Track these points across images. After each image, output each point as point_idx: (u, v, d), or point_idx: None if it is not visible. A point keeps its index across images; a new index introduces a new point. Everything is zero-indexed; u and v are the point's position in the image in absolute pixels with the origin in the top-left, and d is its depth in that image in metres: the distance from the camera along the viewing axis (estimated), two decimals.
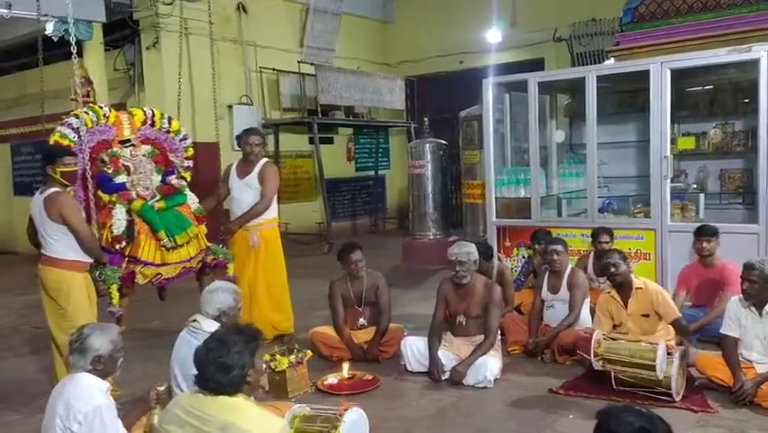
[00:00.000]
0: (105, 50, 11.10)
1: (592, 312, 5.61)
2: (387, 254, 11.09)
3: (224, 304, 4.03)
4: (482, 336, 5.18)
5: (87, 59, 10.46)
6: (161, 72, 11.36)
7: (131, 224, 5.27)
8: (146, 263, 5.29)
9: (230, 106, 12.32)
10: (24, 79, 13.23)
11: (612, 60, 8.08)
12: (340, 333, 5.77)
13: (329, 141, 14.80)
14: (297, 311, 6.64)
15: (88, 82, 10.11)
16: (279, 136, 13.26)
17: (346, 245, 5.91)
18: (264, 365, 4.61)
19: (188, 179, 5.93)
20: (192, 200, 5.80)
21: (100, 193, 5.28)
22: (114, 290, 5.00)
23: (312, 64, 13.07)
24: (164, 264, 5.40)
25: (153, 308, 6.77)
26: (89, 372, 3.26)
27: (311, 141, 13.68)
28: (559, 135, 8.19)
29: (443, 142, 10.98)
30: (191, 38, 11.55)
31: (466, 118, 9.66)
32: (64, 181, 4.67)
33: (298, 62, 13.08)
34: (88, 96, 10.09)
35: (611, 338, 4.80)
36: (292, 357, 4.89)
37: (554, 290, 5.73)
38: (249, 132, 6.32)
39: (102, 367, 3.28)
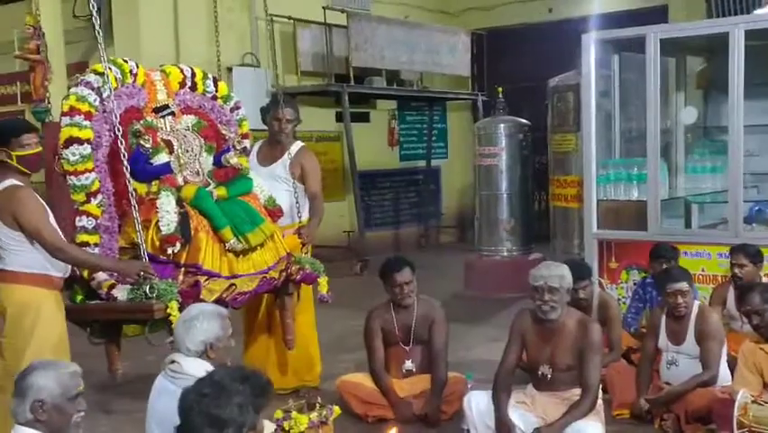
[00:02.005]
0: None
1: (730, 365, 5.58)
2: (442, 277, 11.16)
3: (208, 335, 4.01)
4: (576, 392, 5.19)
5: (37, 0, 10.70)
6: (137, 20, 11.56)
7: (184, 218, 5.19)
8: (211, 275, 5.21)
9: (229, 69, 12.44)
10: None
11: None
12: (378, 382, 5.83)
13: (364, 118, 14.92)
14: (320, 353, 6.77)
15: (39, 33, 10.31)
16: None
17: (391, 261, 5.98)
18: (274, 427, 4.66)
19: (245, 164, 5.90)
20: (260, 188, 5.82)
21: (134, 183, 5.14)
22: (173, 309, 4.81)
23: (343, 11, 13.20)
24: (234, 276, 5.33)
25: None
26: (28, 424, 3.23)
27: (339, 117, 13.80)
28: (689, 114, 8.17)
29: (525, 121, 11.02)
30: None
31: (557, 89, 9.67)
32: (23, 169, 4.68)
33: (324, 8, 13.21)
34: (38, 51, 10.31)
35: (763, 403, 4.77)
36: (313, 415, 4.93)
37: (677, 339, 5.69)
38: (281, 102, 6.29)
39: (45, 418, 3.22)
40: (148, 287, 4.86)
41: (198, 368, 3.85)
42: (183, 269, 5.17)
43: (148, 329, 5.26)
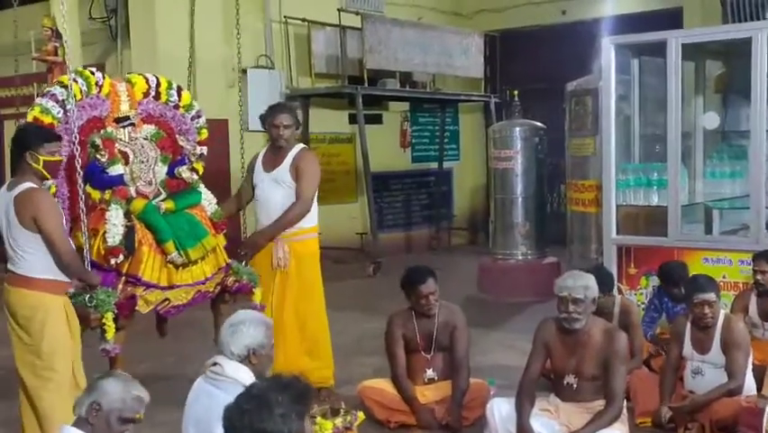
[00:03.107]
0: None
1: (755, 373, 5.55)
2: (455, 280, 11.11)
3: (253, 341, 4.08)
4: (601, 403, 5.14)
5: (54, 2, 10.70)
6: (153, 22, 11.58)
7: (130, 231, 5.38)
8: (149, 285, 5.41)
9: (244, 71, 12.46)
10: None
11: None
12: (400, 388, 5.82)
13: (377, 120, 14.91)
14: (336, 356, 6.72)
15: (56, 35, 10.31)
16: (309, 112, 13.38)
17: (414, 272, 5.94)
18: None
19: (201, 171, 6.05)
20: (208, 201, 5.92)
21: (89, 189, 5.43)
22: (108, 319, 5.07)
23: (357, 13, 13.19)
24: (172, 287, 5.51)
25: (141, 343, 6.90)
26: (79, 422, 3.36)
27: (352, 119, 13.80)
28: (711, 119, 8.12)
29: (540, 125, 10.98)
30: None
31: (575, 93, 9.63)
32: (46, 174, 4.80)
33: (338, 10, 13.19)
34: (56, 54, 10.31)
35: None
36: (338, 421, 4.94)
37: (702, 348, 5.63)
38: (275, 108, 6.42)
39: (94, 423, 3.37)
40: (88, 296, 5.03)
41: (240, 372, 3.95)
42: (124, 278, 5.35)
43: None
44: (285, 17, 13.10)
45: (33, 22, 11.25)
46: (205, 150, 6.13)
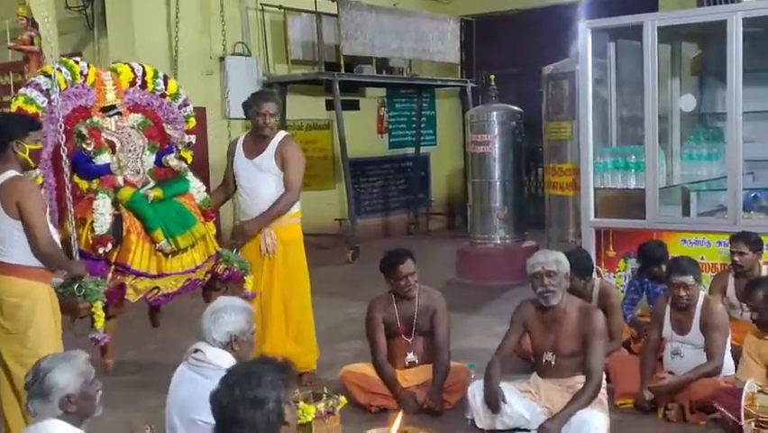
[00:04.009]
0: None
1: (733, 354, 5.59)
2: (433, 264, 11.11)
3: (234, 327, 4.12)
4: (580, 379, 5.19)
5: None
6: (130, 11, 11.47)
7: (118, 219, 5.34)
8: (138, 274, 5.37)
9: (221, 58, 12.42)
10: None
11: None
12: (381, 373, 5.84)
13: (354, 106, 14.87)
14: (317, 341, 6.73)
15: (32, 24, 10.22)
16: (287, 99, 13.30)
17: (393, 254, 5.96)
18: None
19: (190, 159, 6.00)
20: (197, 189, 5.89)
21: (76, 179, 5.39)
22: (98, 309, 5.03)
23: (333, 0, 13.11)
24: (161, 275, 5.48)
25: (127, 332, 6.87)
26: (60, 418, 3.36)
27: (329, 105, 13.75)
28: (687, 102, 8.16)
29: (517, 108, 10.98)
30: None
31: (552, 76, 9.63)
32: (31, 163, 4.80)
33: None
34: (32, 43, 10.22)
35: None
36: (320, 405, 4.93)
37: (682, 329, 5.68)
38: (260, 96, 6.42)
39: (75, 409, 3.40)
40: (76, 285, 5.01)
41: (222, 358, 3.97)
42: (113, 267, 5.33)
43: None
44: (261, 4, 13.03)
45: (8, 11, 11.15)
46: (193, 138, 6.10)
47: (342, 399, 5.15)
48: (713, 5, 10.20)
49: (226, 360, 3.97)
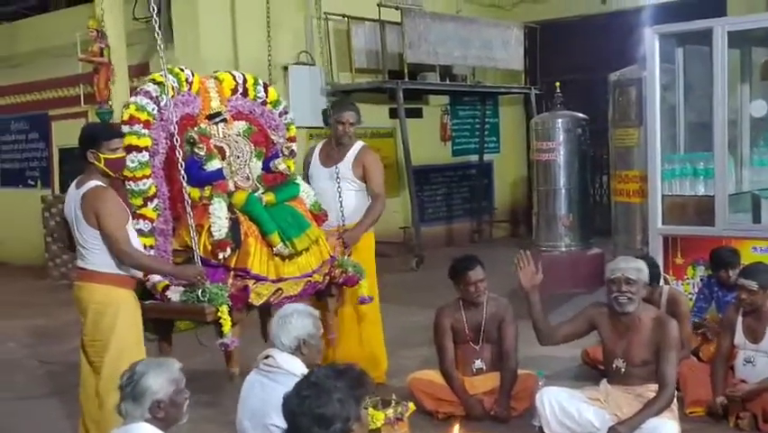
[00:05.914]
0: None
1: None
2: (497, 272, 10.94)
3: (303, 331, 4.22)
4: (650, 388, 5.16)
5: (99, 3, 10.87)
6: (196, 22, 11.72)
7: (234, 224, 5.32)
8: (258, 278, 5.33)
9: (285, 67, 12.57)
10: (16, 32, 13.83)
11: None
12: (449, 380, 5.87)
13: (417, 113, 14.97)
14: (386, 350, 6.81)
15: (101, 36, 10.46)
16: None
17: (463, 260, 6.00)
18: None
19: (292, 168, 6.02)
20: (306, 192, 5.91)
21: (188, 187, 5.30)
22: (224, 313, 4.99)
23: (396, 8, 13.19)
24: (280, 279, 5.44)
25: (191, 338, 6.98)
26: (149, 421, 3.46)
27: (393, 113, 13.85)
28: (758, 107, 8.02)
29: (582, 115, 10.93)
30: None
31: (619, 83, 9.57)
32: (108, 171, 4.86)
33: (378, 5, 13.21)
34: (101, 54, 10.46)
35: None
36: (389, 411, 4.99)
37: (755, 337, 5.61)
38: (342, 106, 6.53)
39: (163, 415, 3.50)
40: (200, 291, 5.01)
41: (292, 364, 4.07)
42: (233, 273, 5.29)
43: (198, 328, 5.50)
44: (324, 13, 13.15)
45: (79, 23, 11.43)
46: (295, 146, 6.11)
47: (411, 405, 5.19)
48: None
49: (297, 366, 4.05)
